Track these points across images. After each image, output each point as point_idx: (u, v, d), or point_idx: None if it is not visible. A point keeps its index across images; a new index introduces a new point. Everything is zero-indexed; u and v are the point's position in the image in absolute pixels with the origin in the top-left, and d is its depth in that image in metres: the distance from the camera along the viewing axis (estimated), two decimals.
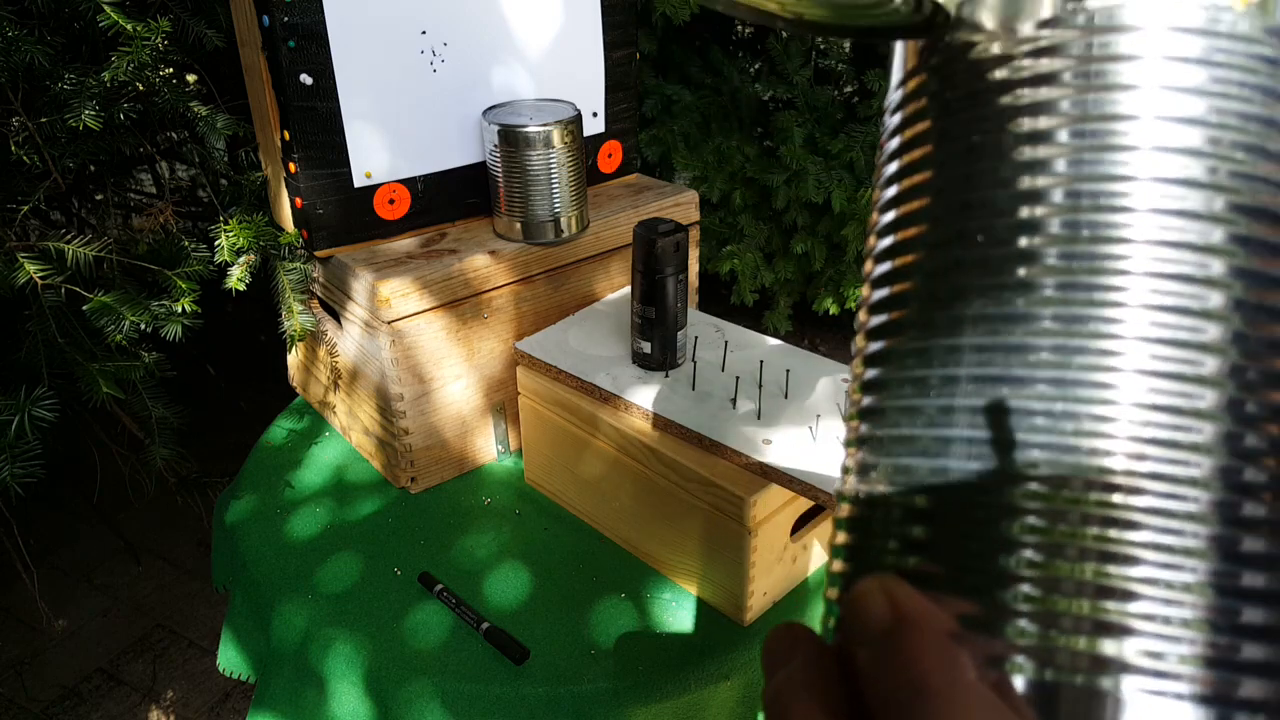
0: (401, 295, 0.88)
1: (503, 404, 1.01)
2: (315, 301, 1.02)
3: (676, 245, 0.82)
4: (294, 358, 1.15)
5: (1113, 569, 0.23)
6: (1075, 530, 0.24)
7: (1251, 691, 0.23)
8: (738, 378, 0.85)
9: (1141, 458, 0.24)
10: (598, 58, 1.05)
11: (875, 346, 0.29)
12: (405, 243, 0.97)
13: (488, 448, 1.02)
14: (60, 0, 0.98)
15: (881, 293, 0.28)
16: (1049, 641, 0.24)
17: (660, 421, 0.81)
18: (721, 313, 1.02)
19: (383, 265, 0.91)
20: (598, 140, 1.09)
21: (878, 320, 0.29)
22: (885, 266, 0.28)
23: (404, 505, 0.96)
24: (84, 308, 0.89)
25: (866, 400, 0.29)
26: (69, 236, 0.92)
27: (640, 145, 1.73)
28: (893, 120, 0.29)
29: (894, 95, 0.28)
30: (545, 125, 0.91)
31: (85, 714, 1.56)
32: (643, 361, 0.87)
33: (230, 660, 0.95)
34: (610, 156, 1.12)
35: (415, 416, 0.94)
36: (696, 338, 0.92)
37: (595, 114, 1.08)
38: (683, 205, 1.08)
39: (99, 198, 1.67)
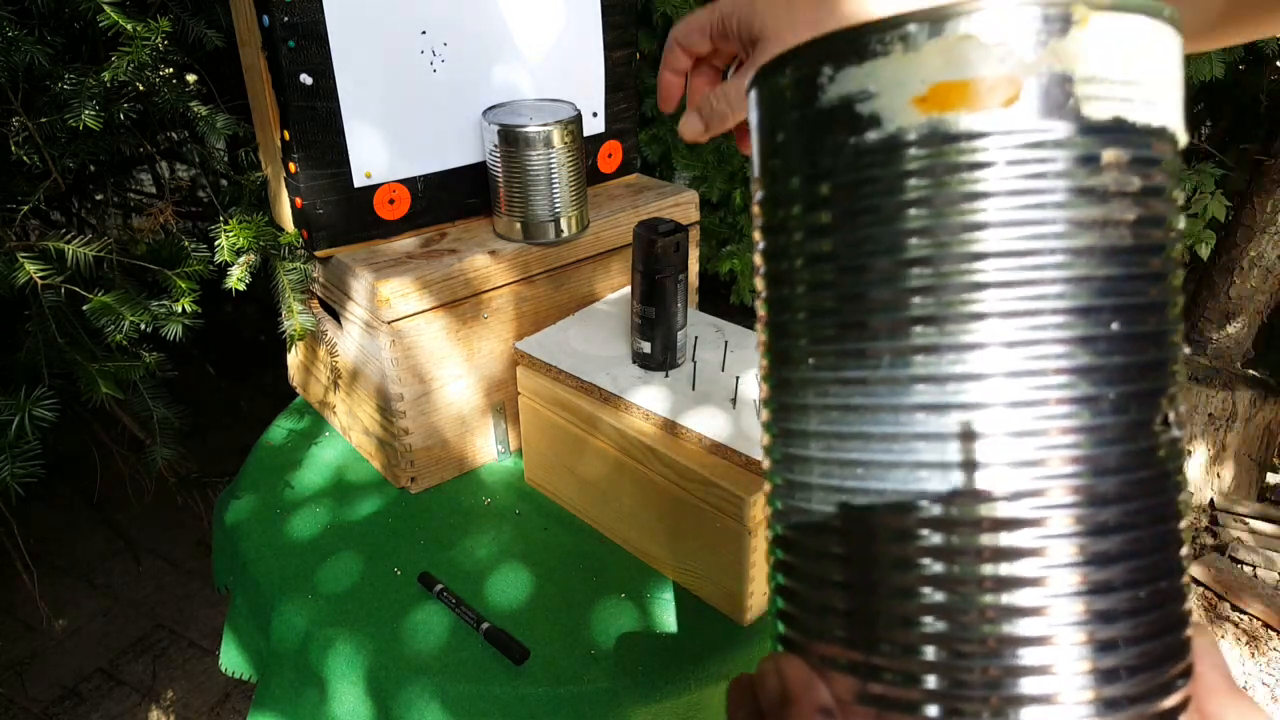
0: (401, 295, 0.88)
1: (503, 404, 1.01)
2: (315, 301, 1.02)
3: (676, 245, 0.82)
4: (294, 358, 1.15)
5: (1006, 629, 0.28)
6: (970, 605, 0.28)
7: (1119, 691, 0.28)
8: (738, 378, 0.85)
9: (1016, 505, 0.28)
10: (598, 58, 1.05)
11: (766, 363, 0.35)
12: (405, 243, 0.97)
13: (488, 448, 1.02)
14: (60, 0, 0.98)
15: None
16: (950, 707, 0.28)
17: (660, 421, 0.81)
18: (721, 313, 1.02)
19: (383, 265, 0.91)
20: (598, 140, 1.10)
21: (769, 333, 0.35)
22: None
23: (404, 505, 0.96)
24: (84, 308, 0.89)
25: (771, 415, 0.35)
26: (69, 236, 0.92)
27: (640, 145, 1.73)
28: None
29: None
30: (545, 125, 0.91)
31: (85, 714, 1.56)
32: (643, 361, 0.87)
33: (232, 660, 0.95)
34: (610, 156, 1.12)
35: (415, 416, 0.94)
36: (696, 338, 0.93)
37: (595, 114, 1.08)
38: (683, 205, 1.08)
39: (99, 198, 1.67)
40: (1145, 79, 0.29)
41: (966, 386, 0.28)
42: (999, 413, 0.28)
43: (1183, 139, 0.31)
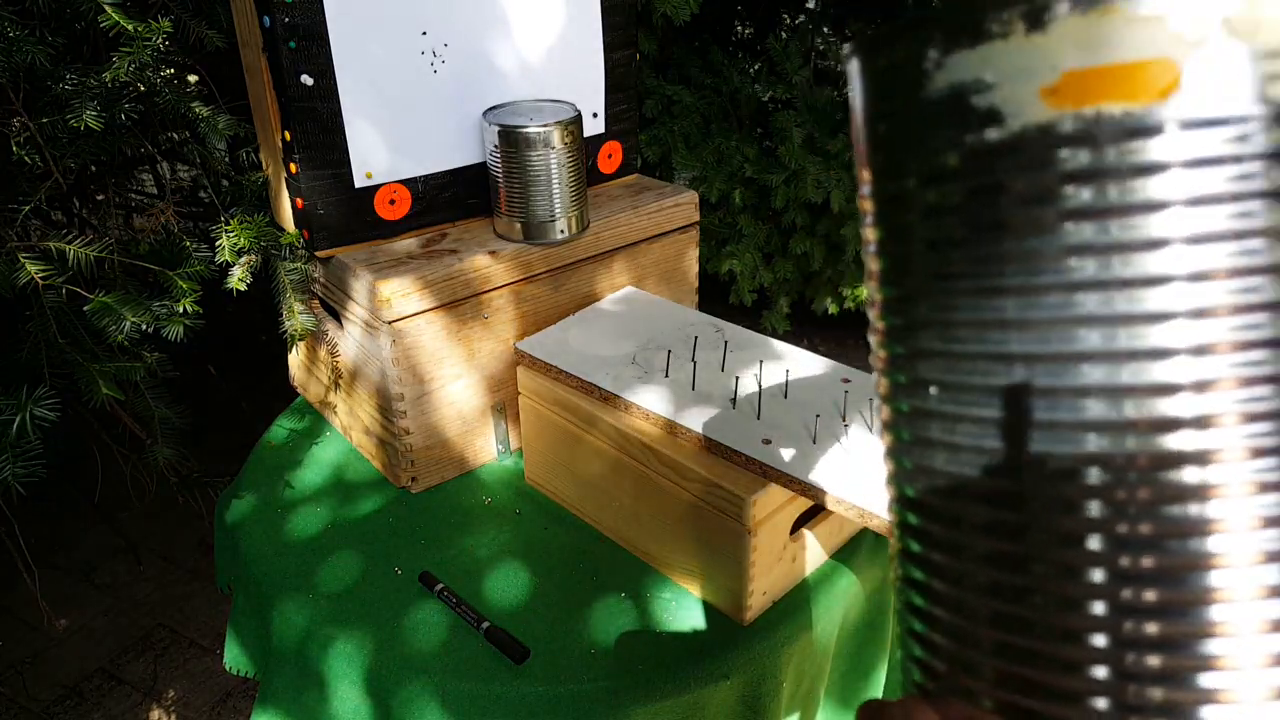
0: (402, 295, 0.88)
1: (503, 404, 1.01)
2: (316, 301, 1.02)
3: None
4: (295, 358, 1.15)
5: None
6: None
7: None
8: (737, 378, 0.85)
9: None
10: (598, 58, 1.06)
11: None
12: (406, 243, 0.97)
13: (488, 447, 1.03)
14: (61, 0, 0.98)
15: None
16: None
17: (660, 421, 0.81)
18: (721, 313, 1.03)
19: (383, 265, 0.91)
20: (598, 141, 1.10)
21: None
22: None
23: (404, 505, 0.96)
24: (85, 308, 0.89)
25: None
26: (70, 237, 0.92)
27: (640, 145, 1.73)
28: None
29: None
30: (545, 126, 0.92)
31: (86, 713, 1.57)
32: None
33: (235, 659, 0.95)
34: (610, 157, 1.12)
35: (415, 416, 0.94)
36: (697, 338, 0.93)
37: (595, 114, 1.08)
38: (683, 205, 1.09)
39: (100, 198, 1.67)
40: None
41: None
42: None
43: None
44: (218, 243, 0.94)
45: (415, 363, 0.92)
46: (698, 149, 2.08)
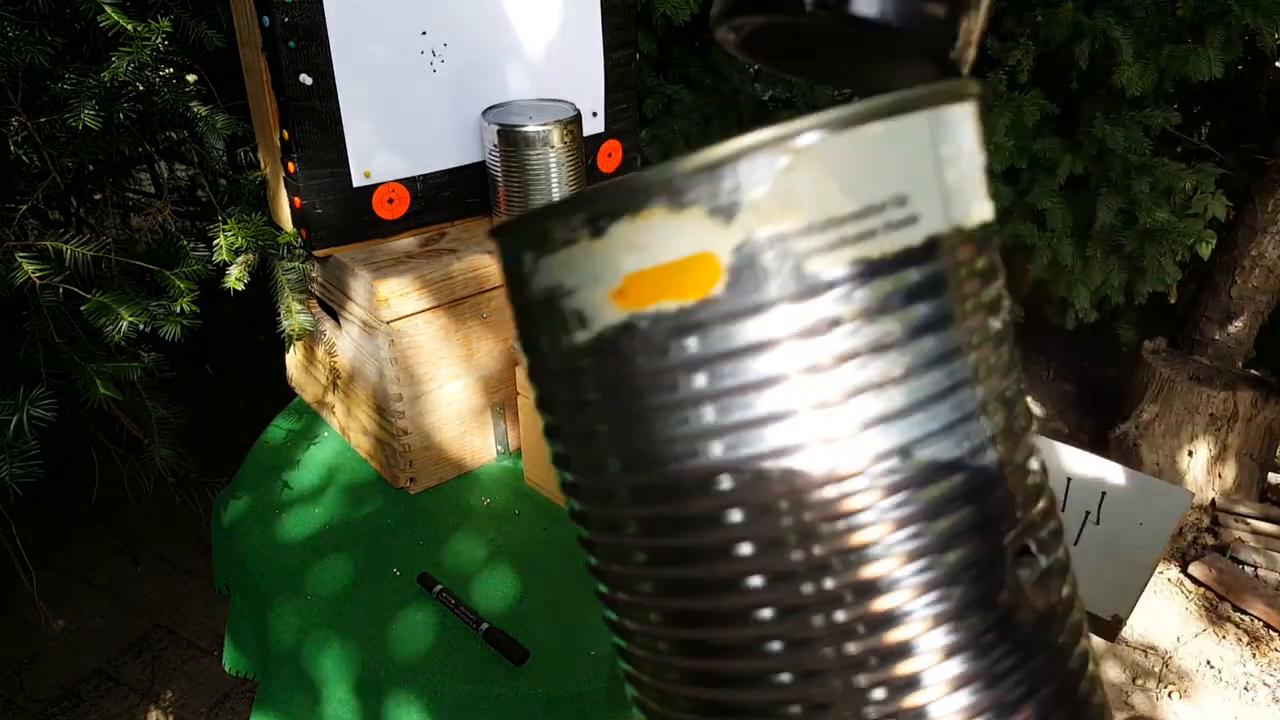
0: (400, 295, 0.88)
1: (502, 404, 1.01)
2: (313, 301, 1.02)
3: None
4: (293, 358, 1.15)
5: None
6: None
7: None
8: None
9: None
10: (598, 58, 1.05)
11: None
12: (404, 242, 0.96)
13: (487, 448, 1.02)
14: (61, 0, 0.98)
15: None
16: None
17: None
18: None
19: (382, 265, 0.90)
20: (597, 140, 1.09)
21: None
22: None
23: (403, 505, 0.96)
24: (82, 308, 0.89)
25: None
26: (67, 236, 0.92)
27: (640, 145, 1.73)
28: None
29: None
30: (545, 125, 0.91)
31: (84, 714, 1.56)
32: None
33: (234, 660, 0.95)
34: (610, 156, 1.12)
35: (414, 416, 0.94)
36: None
37: (595, 114, 1.08)
38: None
39: (98, 197, 1.67)
40: (893, 194, 0.23)
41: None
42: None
43: (974, 218, 0.25)
44: (215, 242, 0.94)
45: (413, 363, 0.92)
46: (698, 149, 2.07)
